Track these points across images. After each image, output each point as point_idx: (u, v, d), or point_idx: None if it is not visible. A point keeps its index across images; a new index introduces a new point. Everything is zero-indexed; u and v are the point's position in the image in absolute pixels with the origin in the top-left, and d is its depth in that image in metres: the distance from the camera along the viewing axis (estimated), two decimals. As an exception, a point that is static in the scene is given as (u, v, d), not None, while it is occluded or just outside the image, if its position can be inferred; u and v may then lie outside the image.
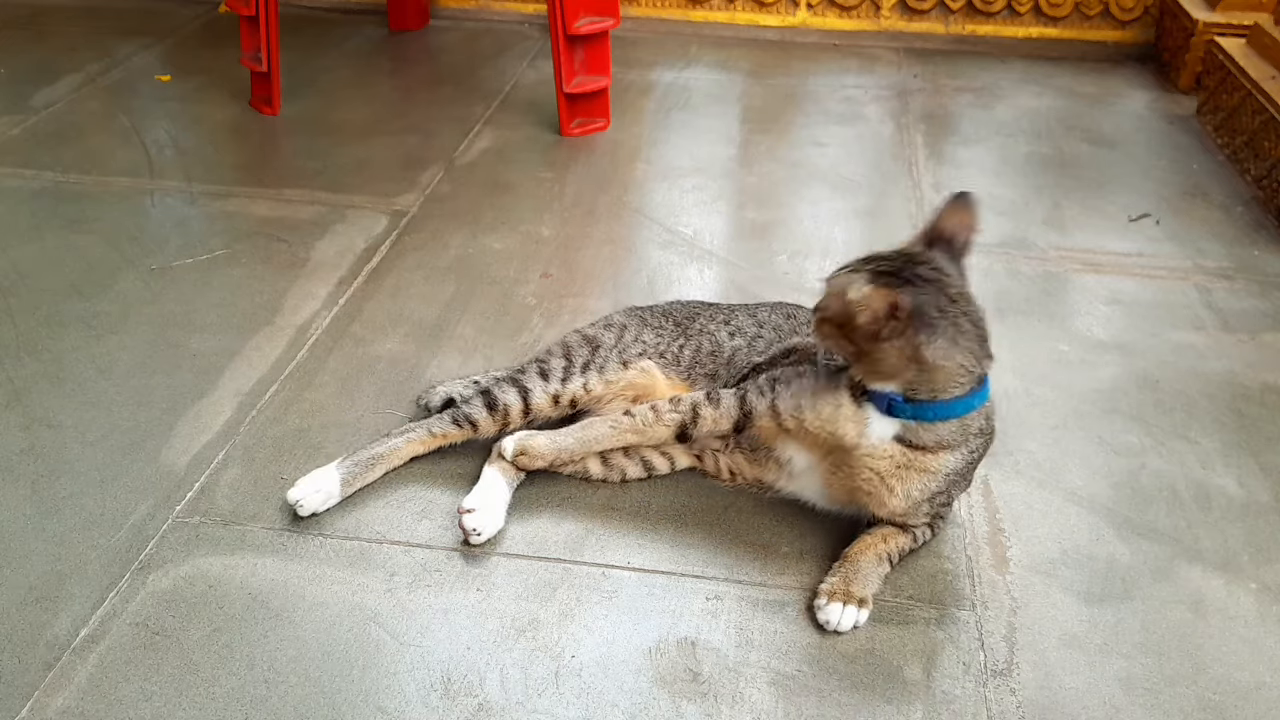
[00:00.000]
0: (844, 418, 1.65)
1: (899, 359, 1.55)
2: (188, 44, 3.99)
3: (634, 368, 1.92)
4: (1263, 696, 1.55)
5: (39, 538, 1.74)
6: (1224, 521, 1.87)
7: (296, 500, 1.76)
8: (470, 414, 1.87)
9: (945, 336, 1.54)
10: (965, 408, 1.60)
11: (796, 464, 1.77)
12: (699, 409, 1.78)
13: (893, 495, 1.65)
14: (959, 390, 1.58)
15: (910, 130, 3.44)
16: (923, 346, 1.53)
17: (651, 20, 4.31)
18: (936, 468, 1.64)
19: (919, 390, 1.58)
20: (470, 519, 1.73)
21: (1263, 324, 2.45)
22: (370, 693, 1.50)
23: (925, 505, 1.68)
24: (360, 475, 1.83)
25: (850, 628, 1.62)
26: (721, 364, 1.92)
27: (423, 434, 1.87)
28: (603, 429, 1.82)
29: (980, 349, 1.59)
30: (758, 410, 1.74)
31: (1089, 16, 4.13)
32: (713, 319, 2.00)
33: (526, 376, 1.91)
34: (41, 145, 3.12)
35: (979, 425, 1.65)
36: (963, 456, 1.65)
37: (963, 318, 1.57)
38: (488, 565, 1.72)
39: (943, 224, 1.66)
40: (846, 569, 1.67)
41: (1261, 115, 3.06)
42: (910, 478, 1.64)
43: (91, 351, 2.21)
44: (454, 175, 3.05)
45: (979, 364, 1.59)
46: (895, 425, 1.62)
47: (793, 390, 1.71)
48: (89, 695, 1.48)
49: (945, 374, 1.56)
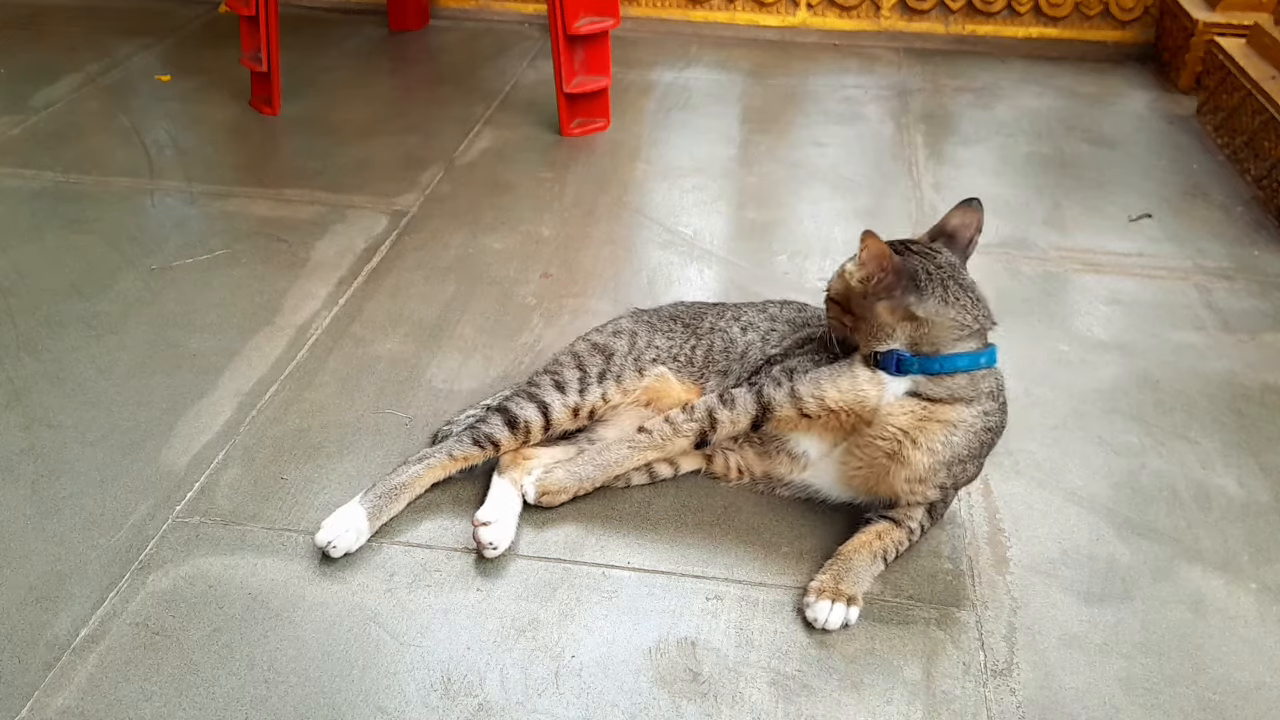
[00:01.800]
0: (862, 382, 1.71)
1: (891, 317, 1.67)
2: (188, 44, 3.99)
3: (650, 374, 1.90)
4: (1263, 696, 1.55)
5: (39, 538, 1.74)
6: (1224, 521, 1.87)
7: (328, 542, 1.68)
8: (490, 433, 1.83)
9: (935, 297, 1.67)
10: (970, 362, 1.68)
11: (811, 454, 1.78)
12: (715, 413, 1.77)
13: (916, 448, 1.67)
14: (960, 345, 1.68)
15: (910, 130, 3.44)
16: (913, 306, 1.66)
17: (651, 20, 4.31)
18: (954, 419, 1.67)
19: (921, 345, 1.68)
20: (486, 532, 1.71)
21: (1263, 324, 2.45)
22: (370, 693, 1.50)
23: (942, 472, 1.69)
24: (385, 508, 1.76)
25: (839, 625, 1.62)
26: (734, 360, 1.91)
27: (443, 458, 1.81)
28: (621, 451, 1.80)
29: (974, 308, 1.70)
30: (776, 400, 1.75)
31: (1089, 16, 4.13)
32: (721, 316, 2.00)
33: (542, 390, 1.87)
34: (41, 145, 3.12)
35: (989, 386, 1.71)
36: (977, 417, 1.68)
37: (951, 281, 1.69)
38: (487, 565, 1.72)
39: (948, 223, 1.80)
40: (838, 566, 1.67)
41: (1261, 115, 3.06)
42: (932, 429, 1.67)
43: (91, 351, 2.21)
44: (454, 175, 3.05)
45: (976, 320, 1.69)
46: (907, 382, 1.69)
47: (810, 376, 1.75)
48: (89, 695, 1.48)
49: (941, 328, 1.67)
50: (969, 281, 1.73)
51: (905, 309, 1.66)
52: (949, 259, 1.73)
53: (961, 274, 1.73)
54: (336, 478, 1.88)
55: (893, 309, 1.67)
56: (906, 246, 1.74)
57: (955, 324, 1.67)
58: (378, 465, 1.91)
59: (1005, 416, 1.76)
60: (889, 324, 1.68)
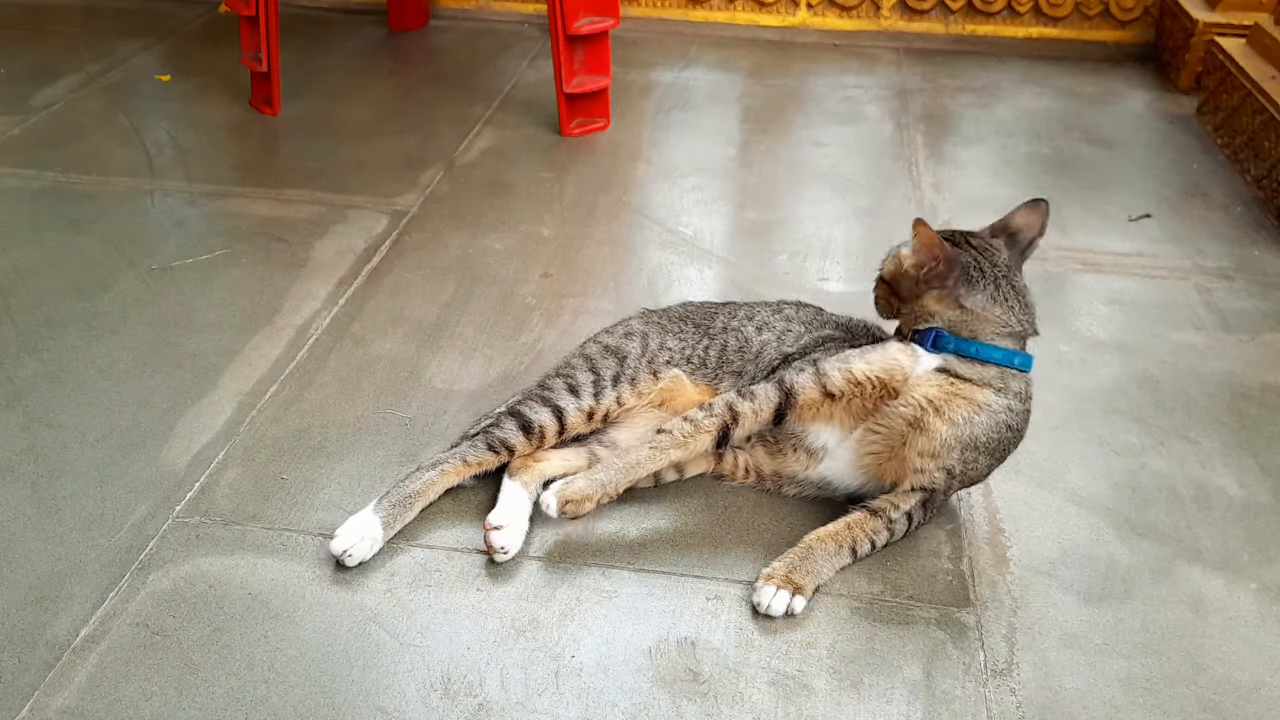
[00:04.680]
0: (895, 352, 1.75)
1: (938, 304, 1.74)
2: (188, 44, 3.99)
3: (664, 377, 1.89)
4: (1263, 696, 1.55)
5: (39, 538, 1.74)
6: (1224, 521, 1.87)
7: (344, 551, 1.66)
8: (504, 437, 1.80)
9: (984, 293, 1.73)
10: (1005, 357, 1.71)
11: (830, 444, 1.78)
12: (735, 406, 1.74)
13: (939, 417, 1.68)
14: (999, 340, 1.72)
15: (910, 130, 3.44)
16: (963, 297, 1.72)
17: (651, 20, 4.31)
18: (981, 400, 1.69)
19: (960, 330, 1.73)
20: (498, 537, 1.70)
21: (1263, 324, 2.45)
22: (370, 693, 1.50)
23: (956, 450, 1.68)
24: (400, 515, 1.73)
25: (782, 613, 1.62)
26: (749, 360, 1.90)
27: (456, 463, 1.79)
28: (643, 453, 1.73)
29: (1022, 311, 1.75)
30: (799, 384, 1.74)
31: (1089, 16, 4.13)
32: (734, 316, 1.99)
33: (556, 394, 1.85)
34: (41, 145, 3.12)
35: (1019, 387, 1.73)
36: (1002, 408, 1.69)
37: (1004, 281, 1.75)
38: (488, 566, 1.72)
39: (1012, 221, 1.86)
40: (795, 554, 1.68)
41: (1261, 115, 3.06)
42: (957, 403, 1.68)
43: (91, 351, 2.21)
44: (454, 175, 3.05)
45: (1020, 324, 1.74)
46: (939, 359, 1.72)
47: (836, 356, 1.77)
48: (89, 695, 1.48)
49: (984, 321, 1.73)
50: (1022, 286, 1.78)
51: (955, 298, 1.73)
52: (1006, 259, 1.78)
53: (1016, 277, 1.78)
54: (336, 478, 1.88)
55: (941, 297, 1.74)
56: (967, 239, 1.79)
57: (999, 321, 1.73)
58: (378, 465, 1.91)
59: (1026, 425, 1.76)
60: (935, 310, 1.74)
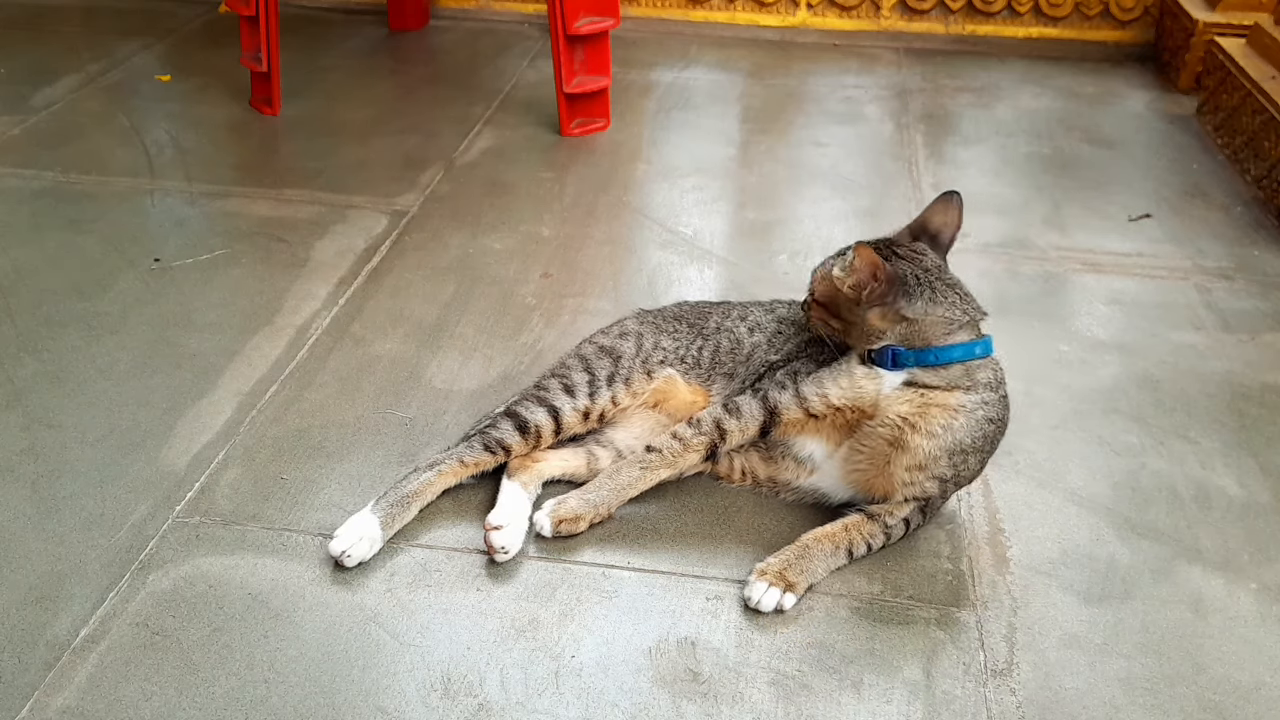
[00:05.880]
0: (860, 378, 1.73)
1: (882, 321, 1.71)
2: (188, 44, 3.99)
3: (658, 377, 1.91)
4: (1263, 696, 1.55)
5: (39, 538, 1.74)
6: (1224, 521, 1.87)
7: (342, 552, 1.67)
8: (501, 438, 1.82)
9: (923, 299, 1.70)
10: (965, 352, 1.71)
11: (816, 456, 1.79)
12: (722, 424, 1.78)
13: (917, 433, 1.68)
14: (952, 338, 1.71)
15: (910, 130, 3.44)
16: (903, 309, 1.69)
17: (651, 20, 4.31)
18: (955, 404, 1.68)
19: (913, 341, 1.71)
20: (498, 537, 1.70)
21: (1263, 324, 2.45)
22: (370, 693, 1.50)
23: (943, 460, 1.69)
24: (398, 516, 1.74)
25: (772, 609, 1.63)
26: (740, 361, 1.91)
27: (453, 464, 1.80)
28: (633, 473, 1.79)
29: (962, 302, 1.73)
30: (782, 404, 1.76)
31: (1089, 16, 4.13)
32: (727, 316, 2.00)
33: (551, 394, 1.86)
34: (41, 145, 3.12)
35: (986, 377, 1.72)
36: (977, 405, 1.69)
37: (938, 282, 1.73)
38: (487, 565, 1.72)
39: (930, 220, 1.83)
40: (792, 551, 1.69)
41: (1261, 115, 3.06)
42: (932, 414, 1.68)
43: (91, 351, 2.21)
44: (454, 175, 3.05)
45: (965, 313, 1.72)
46: (903, 374, 1.71)
47: (813, 377, 1.77)
48: (89, 695, 1.48)
49: (930, 325, 1.70)
50: (954, 279, 1.77)
51: (896, 312, 1.70)
52: (934, 260, 1.77)
53: (946, 273, 1.77)
54: (336, 478, 1.88)
55: (885, 314, 1.71)
56: (892, 250, 1.76)
57: (944, 320, 1.71)
58: (378, 465, 1.91)
59: (1007, 411, 1.76)
60: (880, 327, 1.72)
